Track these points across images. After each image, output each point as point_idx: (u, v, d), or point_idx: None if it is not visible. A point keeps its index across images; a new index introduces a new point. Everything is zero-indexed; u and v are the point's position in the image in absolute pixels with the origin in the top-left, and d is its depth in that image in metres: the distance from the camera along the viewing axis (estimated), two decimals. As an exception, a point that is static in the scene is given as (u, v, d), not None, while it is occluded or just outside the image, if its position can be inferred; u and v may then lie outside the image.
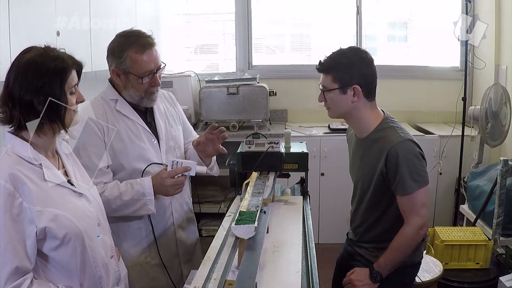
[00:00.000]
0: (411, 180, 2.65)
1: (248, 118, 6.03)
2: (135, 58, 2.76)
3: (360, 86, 2.76)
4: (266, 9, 6.92)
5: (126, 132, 2.87)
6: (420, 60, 6.71)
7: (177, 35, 6.96)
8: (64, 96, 2.01)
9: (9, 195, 1.90)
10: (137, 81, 2.80)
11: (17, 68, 1.97)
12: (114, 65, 2.82)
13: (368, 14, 6.70)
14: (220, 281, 1.91)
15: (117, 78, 2.85)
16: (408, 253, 2.75)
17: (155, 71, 2.83)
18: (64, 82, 2.01)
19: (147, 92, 2.85)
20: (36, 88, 1.95)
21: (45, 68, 1.97)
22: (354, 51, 2.84)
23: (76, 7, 3.87)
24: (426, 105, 6.62)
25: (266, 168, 3.06)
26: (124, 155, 2.85)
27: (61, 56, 2.03)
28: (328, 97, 2.83)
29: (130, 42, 2.78)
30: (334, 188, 5.69)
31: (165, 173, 2.74)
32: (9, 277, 1.89)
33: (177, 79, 6.09)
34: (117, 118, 2.87)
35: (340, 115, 2.90)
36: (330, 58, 2.82)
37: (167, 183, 2.72)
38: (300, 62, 6.91)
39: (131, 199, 2.73)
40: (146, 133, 2.93)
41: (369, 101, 2.83)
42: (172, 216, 3.09)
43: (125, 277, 2.43)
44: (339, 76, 2.77)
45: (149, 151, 2.92)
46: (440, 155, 5.76)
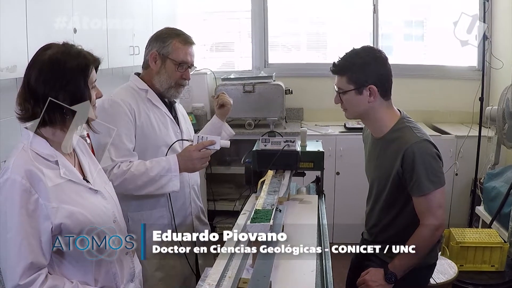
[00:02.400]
0: (427, 181, 2.63)
1: (264, 116, 6.03)
2: (178, 46, 2.99)
3: (376, 85, 2.74)
4: (282, 7, 6.90)
5: (155, 119, 2.99)
6: (436, 59, 6.67)
7: (193, 33, 6.92)
8: (88, 92, 2.04)
9: (25, 191, 1.91)
10: (173, 67, 2.98)
11: (40, 65, 1.98)
12: (155, 49, 2.99)
13: (384, 12, 6.66)
14: (235, 279, 1.91)
15: (153, 63, 3.00)
16: (423, 254, 2.73)
17: (189, 65, 3.04)
18: (87, 78, 2.04)
19: (176, 83, 3.02)
20: (61, 85, 1.97)
21: (69, 65, 1.99)
22: (368, 50, 2.81)
23: (93, 5, 3.88)
24: (442, 105, 6.58)
25: (281, 167, 3.06)
26: (153, 140, 2.97)
27: (82, 53, 2.05)
28: (344, 98, 2.80)
29: (177, 33, 3.05)
30: (350, 187, 5.67)
31: (192, 147, 2.85)
32: (24, 272, 1.91)
33: (193, 77, 6.01)
34: (148, 106, 3.00)
35: (358, 116, 2.89)
36: (344, 59, 2.79)
37: (194, 155, 2.83)
38: (316, 61, 6.89)
39: (157, 174, 2.82)
40: (173, 124, 3.07)
41: (385, 100, 2.81)
42: (191, 205, 3.17)
43: (140, 273, 2.43)
44: (355, 77, 2.74)
45: (173, 140, 3.02)
46: (456, 156, 5.73)
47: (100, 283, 2.15)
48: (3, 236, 1.93)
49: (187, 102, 5.88)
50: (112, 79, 3.79)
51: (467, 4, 6.40)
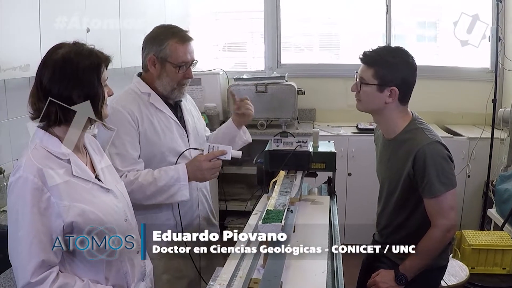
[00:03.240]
0: (439, 183, 2.63)
1: (276, 117, 6.03)
2: (175, 47, 2.88)
3: (398, 89, 2.74)
4: (295, 7, 6.89)
5: (159, 125, 2.93)
6: (449, 60, 6.64)
7: (206, 33, 6.97)
8: (101, 90, 2.05)
9: (37, 190, 1.93)
10: (174, 70, 2.89)
11: (53, 65, 1.99)
12: (152, 53, 2.90)
13: (397, 13, 6.65)
14: (246, 279, 1.91)
15: (152, 67, 2.91)
16: (434, 256, 2.73)
17: (190, 64, 2.94)
18: (100, 76, 2.05)
19: (179, 84, 2.95)
20: (75, 84, 1.98)
21: (82, 65, 2.00)
22: (402, 52, 2.81)
23: (106, 5, 3.90)
24: (455, 107, 6.55)
25: (293, 167, 3.06)
26: (157, 146, 2.91)
27: (94, 52, 2.07)
28: (363, 90, 2.79)
29: (172, 32, 2.92)
30: (361, 188, 5.65)
31: (202, 157, 2.80)
32: (35, 270, 1.92)
33: (206, 77, 6.12)
34: (151, 110, 2.93)
35: (369, 111, 2.88)
36: (376, 52, 2.79)
37: (204, 166, 2.78)
38: (328, 61, 6.88)
39: (165, 184, 2.78)
40: (177, 127, 3.01)
41: (401, 104, 2.81)
42: (198, 208, 3.13)
43: (151, 272, 2.44)
44: (382, 74, 2.74)
45: (179, 144, 2.98)
46: (468, 158, 5.71)
47: (111, 281, 2.16)
48: (14, 234, 1.95)
49: (200, 102, 5.87)
50: (125, 78, 3.79)
51: (480, 5, 6.37)
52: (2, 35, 2.88)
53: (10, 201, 1.99)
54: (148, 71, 2.96)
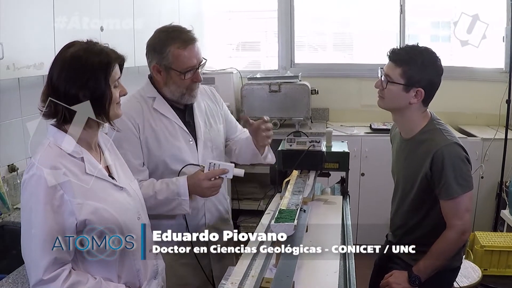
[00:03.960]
0: (456, 185, 2.62)
1: (290, 116, 6.03)
2: (178, 53, 2.73)
3: (424, 90, 2.73)
4: (308, 6, 6.88)
5: (162, 131, 2.85)
6: (463, 61, 6.61)
7: (219, 32, 6.98)
8: (108, 90, 2.04)
9: (51, 187, 1.93)
10: (179, 77, 2.76)
11: (62, 62, 1.99)
12: (155, 61, 2.79)
13: (411, 13, 6.63)
14: (258, 279, 1.91)
15: (158, 75, 2.82)
16: (448, 258, 2.72)
17: (197, 67, 2.79)
18: (108, 76, 2.03)
19: (188, 88, 2.81)
20: (81, 83, 1.97)
21: (90, 63, 1.99)
22: (431, 53, 2.79)
23: (120, 4, 3.91)
24: (469, 107, 6.52)
25: (306, 167, 3.06)
26: (159, 154, 2.84)
27: (104, 50, 2.06)
28: (389, 88, 2.77)
29: (172, 37, 2.76)
30: (375, 188, 5.64)
31: (202, 175, 2.70)
32: (47, 267, 1.93)
33: (219, 76, 6.12)
34: (154, 116, 2.85)
35: (391, 109, 2.87)
36: (406, 51, 2.77)
37: (204, 185, 2.69)
38: (342, 61, 6.86)
39: (165, 198, 2.72)
40: (183, 133, 2.90)
41: (423, 106, 2.80)
42: (205, 216, 3.03)
43: (163, 270, 2.44)
44: (410, 74, 2.72)
45: (185, 152, 2.89)
46: (482, 159, 5.68)
47: (124, 279, 2.16)
48: (27, 232, 1.96)
49: (214, 102, 5.90)
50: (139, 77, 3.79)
51: (494, 5, 6.35)
52: (16, 33, 2.89)
53: (23, 198, 2.00)
54: (155, 78, 2.87)
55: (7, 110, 3.45)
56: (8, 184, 3.42)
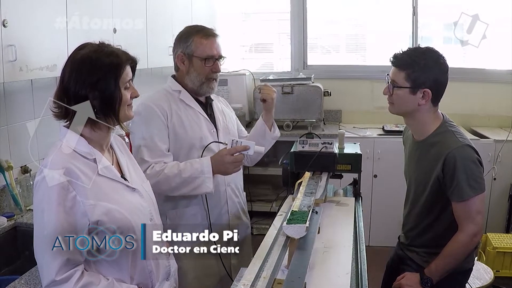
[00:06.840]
0: (468, 187, 2.60)
1: (302, 118, 6.04)
2: (200, 41, 3.02)
3: (431, 90, 2.72)
4: (321, 8, 6.88)
5: (188, 120, 3.03)
6: (476, 62, 6.59)
7: (233, 34, 6.99)
8: (118, 91, 2.04)
9: (63, 189, 1.94)
10: (200, 63, 3.02)
11: (72, 64, 2.01)
12: (180, 50, 3.05)
13: (424, 15, 6.61)
14: (270, 280, 1.90)
15: (182, 64, 3.07)
16: (460, 260, 2.71)
17: (216, 58, 3.06)
18: (118, 77, 2.04)
19: (207, 78, 3.06)
20: (91, 84, 1.98)
21: (99, 64, 2.00)
22: (433, 53, 2.78)
23: (133, 6, 3.92)
24: (481, 109, 6.49)
25: (319, 168, 3.06)
26: (185, 139, 3.01)
27: (115, 52, 2.06)
28: (396, 93, 2.77)
29: (197, 29, 3.07)
30: (387, 190, 5.63)
31: (225, 150, 2.88)
32: (60, 268, 1.93)
33: (232, 78, 6.14)
34: (180, 107, 3.05)
35: (402, 114, 2.87)
36: (408, 54, 2.77)
37: (226, 159, 2.85)
38: (355, 63, 6.86)
39: (190, 176, 2.85)
40: (207, 122, 3.10)
41: (433, 106, 2.79)
42: (227, 203, 3.17)
43: (175, 272, 2.44)
44: (414, 76, 2.71)
45: (207, 139, 3.04)
46: (494, 160, 5.66)
47: (136, 280, 2.16)
48: (40, 232, 1.96)
49: (226, 103, 5.91)
50: (152, 78, 3.82)
51: (506, 8, 6.32)
52: (29, 35, 2.90)
53: (36, 199, 2.01)
54: (179, 69, 3.10)
55: (20, 111, 3.46)
56: (21, 185, 3.44)
